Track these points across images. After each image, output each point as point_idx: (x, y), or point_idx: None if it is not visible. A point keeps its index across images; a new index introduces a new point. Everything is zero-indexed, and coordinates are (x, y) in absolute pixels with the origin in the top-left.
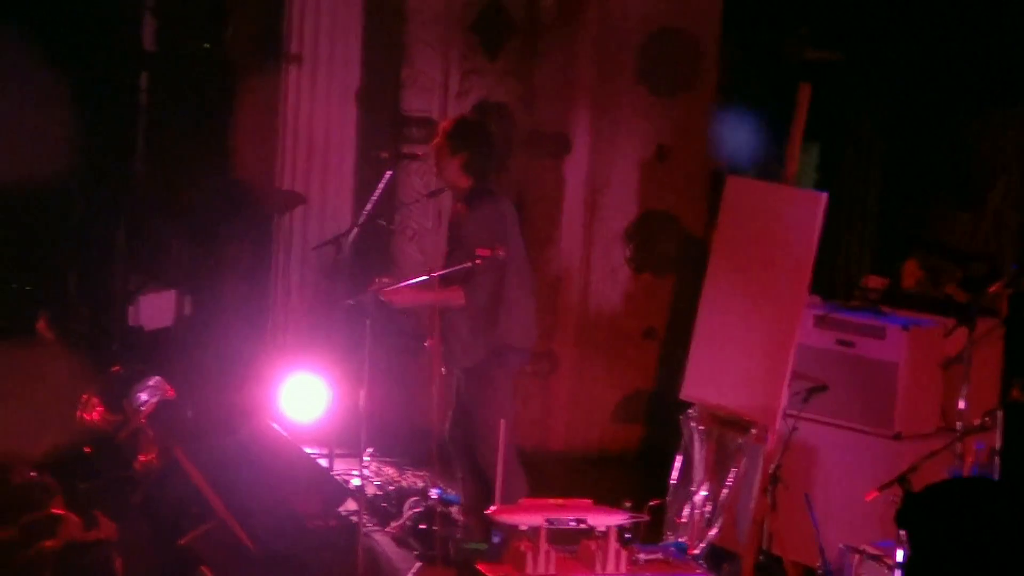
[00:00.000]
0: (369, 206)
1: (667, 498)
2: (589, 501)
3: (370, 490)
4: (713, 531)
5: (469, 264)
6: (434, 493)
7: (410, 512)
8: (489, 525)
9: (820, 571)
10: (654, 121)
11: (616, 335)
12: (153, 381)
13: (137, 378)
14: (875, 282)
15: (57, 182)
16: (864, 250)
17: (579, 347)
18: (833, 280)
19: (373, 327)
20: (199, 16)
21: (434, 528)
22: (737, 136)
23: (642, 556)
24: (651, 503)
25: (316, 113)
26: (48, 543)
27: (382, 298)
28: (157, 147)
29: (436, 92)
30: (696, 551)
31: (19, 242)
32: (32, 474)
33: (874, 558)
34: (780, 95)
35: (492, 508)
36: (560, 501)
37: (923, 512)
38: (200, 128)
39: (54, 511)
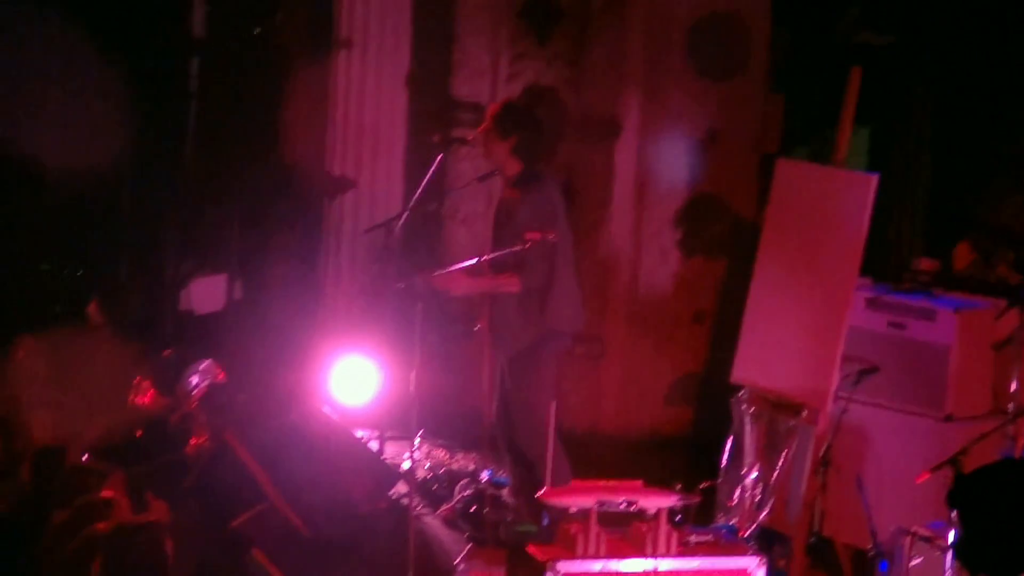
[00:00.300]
0: (419, 190)
1: (718, 480)
2: (640, 483)
3: (420, 473)
4: (764, 513)
5: (518, 247)
6: (484, 476)
7: (460, 495)
8: (539, 508)
9: (871, 553)
10: (704, 104)
11: (666, 318)
12: (204, 365)
13: (188, 362)
14: (927, 264)
15: (109, 169)
16: (915, 232)
17: (629, 330)
18: (884, 262)
19: (424, 310)
20: (249, 2)
21: (485, 511)
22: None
23: (693, 538)
24: (702, 485)
25: (366, 98)
26: (100, 526)
27: (437, 287)
28: (208, 133)
29: (486, 77)
30: (747, 533)
31: (71, 228)
32: (85, 458)
33: (926, 539)
34: (831, 78)
35: (542, 491)
36: (611, 483)
37: (974, 493)
38: (251, 114)
39: (106, 495)
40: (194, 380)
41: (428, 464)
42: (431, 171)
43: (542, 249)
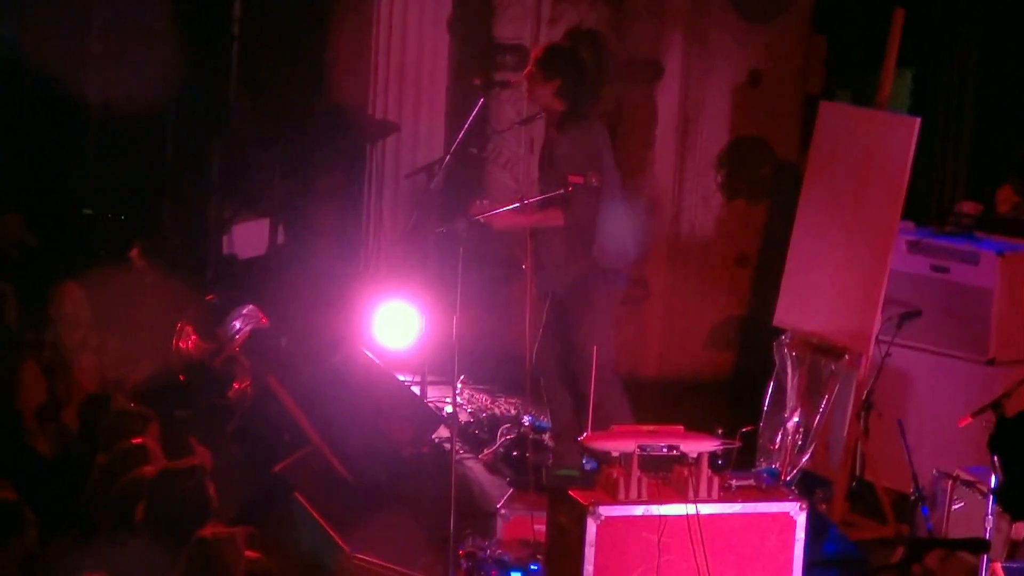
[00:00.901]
0: (461, 134)
1: (760, 424)
2: (681, 427)
3: (463, 417)
4: (805, 457)
5: (561, 191)
6: (526, 420)
7: (502, 439)
8: (582, 451)
9: (913, 497)
10: (746, 47)
11: (709, 261)
12: (247, 309)
13: (231, 307)
14: (969, 207)
15: (152, 111)
16: (958, 175)
17: (672, 273)
18: (927, 205)
19: (466, 254)
20: None
21: (527, 455)
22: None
23: (734, 483)
24: (743, 429)
25: (408, 41)
26: (144, 469)
27: (480, 221)
28: (250, 77)
29: (528, 19)
30: (788, 477)
31: (114, 172)
32: (131, 404)
33: (967, 484)
34: (874, 19)
35: (585, 434)
36: (652, 427)
37: (1017, 438)
38: (293, 57)
39: (144, 440)
40: (237, 325)
41: (470, 408)
42: (473, 115)
43: (585, 190)
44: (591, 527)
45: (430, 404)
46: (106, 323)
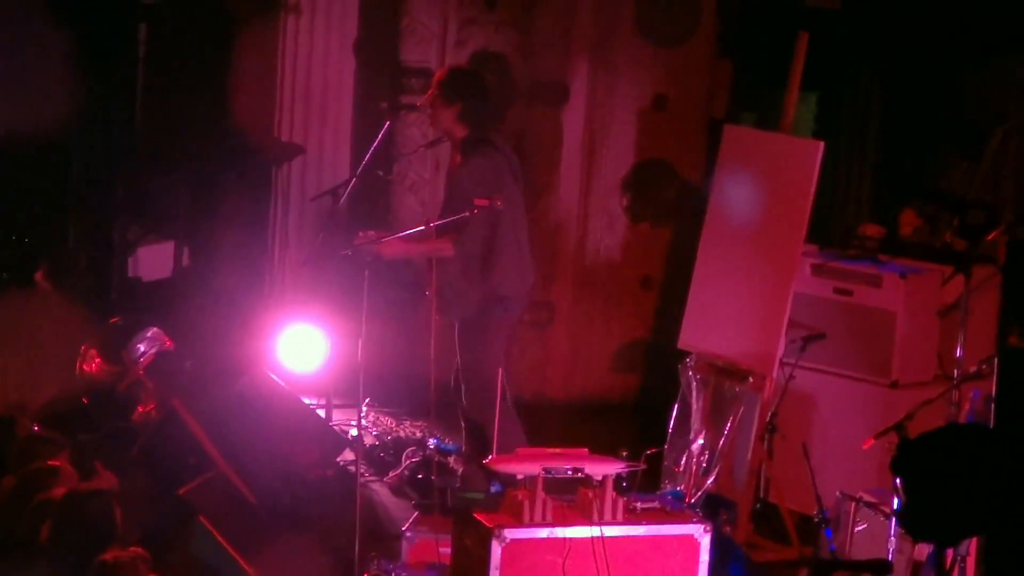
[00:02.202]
0: (367, 157)
1: (664, 447)
2: (586, 450)
3: (368, 440)
4: (710, 480)
5: (466, 214)
6: (431, 443)
7: (408, 462)
8: (488, 475)
9: (817, 518)
10: (652, 70)
11: (614, 284)
12: (151, 332)
13: (135, 329)
14: (872, 230)
15: (56, 134)
16: (862, 198)
17: (577, 296)
18: (830, 229)
19: (371, 277)
20: None
21: (432, 478)
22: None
23: (639, 505)
24: (648, 452)
25: (314, 64)
26: (52, 492)
27: (371, 251)
28: (156, 99)
29: (434, 42)
30: (693, 500)
31: (18, 194)
32: (35, 427)
33: (870, 505)
34: (779, 43)
35: (489, 458)
36: (557, 450)
37: (919, 460)
38: (199, 79)
39: (55, 463)
40: (141, 347)
41: (375, 431)
42: (379, 137)
43: (486, 215)
44: (496, 550)
45: (335, 427)
46: (9, 345)
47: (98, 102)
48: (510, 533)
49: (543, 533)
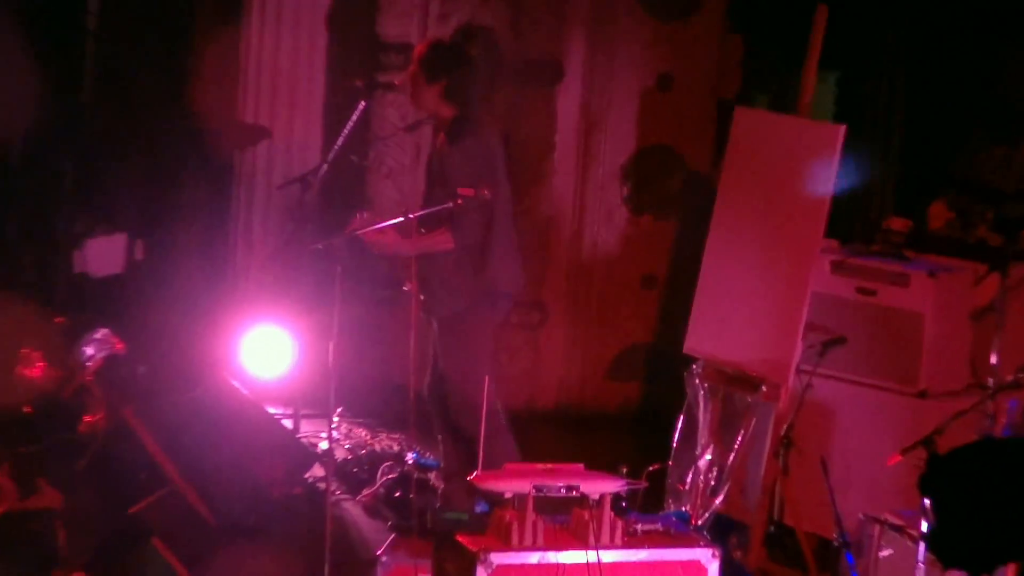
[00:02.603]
0: (340, 140)
1: (668, 463)
2: (581, 466)
3: (339, 454)
4: (718, 499)
5: (450, 204)
6: (410, 458)
7: (384, 479)
8: (471, 493)
9: (837, 543)
10: (655, 47)
11: (613, 283)
12: (100, 334)
13: (83, 330)
14: (898, 224)
15: None
16: (887, 189)
17: (572, 296)
18: (852, 222)
19: (344, 274)
20: None
21: (410, 496)
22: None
23: (640, 527)
24: (650, 468)
25: (282, 38)
26: None
27: (364, 242)
28: (107, 76)
29: (415, 15)
30: (700, 521)
31: None
32: None
33: (896, 529)
34: (795, 17)
35: (474, 474)
36: (549, 466)
37: (950, 477)
38: (154, 55)
39: (2, 476)
40: (89, 350)
41: (348, 444)
42: (353, 119)
43: (476, 204)
44: None
45: (303, 439)
46: None
47: (42, 79)
48: (497, 558)
49: (534, 558)
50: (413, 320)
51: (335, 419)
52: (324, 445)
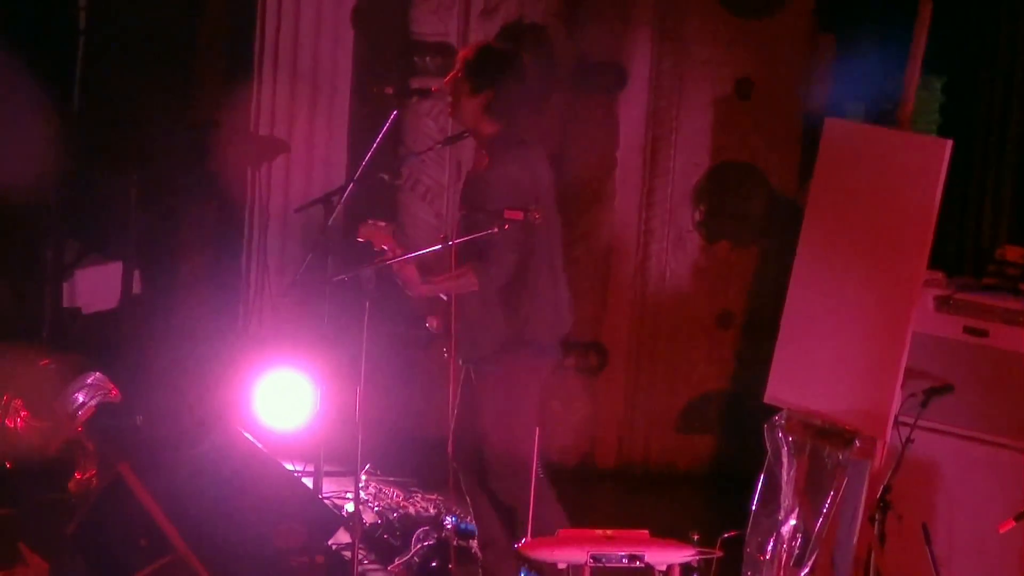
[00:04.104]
0: (369, 156)
1: (746, 529)
2: (646, 532)
3: (368, 518)
4: (804, 571)
5: (494, 229)
6: (448, 522)
7: (418, 546)
8: (518, 562)
9: None
10: (734, 48)
11: (683, 321)
12: (92, 378)
13: (72, 374)
14: (1014, 254)
15: None
16: (1001, 212)
17: (635, 337)
18: (960, 251)
19: (373, 310)
20: None
21: (449, 567)
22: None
23: None
24: (725, 535)
25: (302, 38)
26: None
27: (395, 278)
28: (100, 81)
29: (455, 10)
30: None
31: None
32: None
33: None
34: (894, 15)
35: (523, 541)
36: (610, 532)
37: None
38: (156, 57)
39: None
40: (79, 398)
41: (377, 507)
42: (384, 131)
43: (518, 233)
44: None
45: (326, 500)
46: None
47: (26, 84)
48: None
49: None
50: (451, 363)
51: (363, 477)
52: (350, 507)
